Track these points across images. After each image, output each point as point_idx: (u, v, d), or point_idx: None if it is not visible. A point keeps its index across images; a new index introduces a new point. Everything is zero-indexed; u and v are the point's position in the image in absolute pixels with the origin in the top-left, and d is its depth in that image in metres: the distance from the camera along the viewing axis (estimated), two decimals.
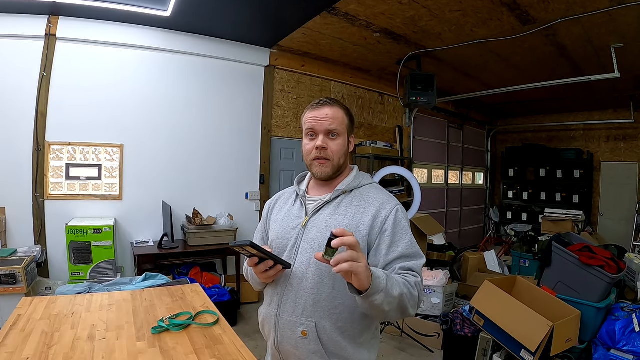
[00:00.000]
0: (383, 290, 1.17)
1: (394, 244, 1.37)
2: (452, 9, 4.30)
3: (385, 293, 1.18)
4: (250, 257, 1.33)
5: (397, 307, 1.24)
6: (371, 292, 1.15)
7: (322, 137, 1.45)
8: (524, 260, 6.17)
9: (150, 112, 5.02)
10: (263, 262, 1.33)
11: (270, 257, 1.32)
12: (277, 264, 1.35)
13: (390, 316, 1.29)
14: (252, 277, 1.55)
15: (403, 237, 1.39)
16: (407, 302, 1.26)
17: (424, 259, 1.41)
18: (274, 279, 1.43)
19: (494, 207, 10.90)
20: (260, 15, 4.66)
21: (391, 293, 1.20)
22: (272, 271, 1.35)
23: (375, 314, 1.30)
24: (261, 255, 1.31)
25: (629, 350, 3.15)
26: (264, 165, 5.91)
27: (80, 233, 4.11)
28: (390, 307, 1.22)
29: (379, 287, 1.16)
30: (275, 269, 1.36)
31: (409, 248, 1.37)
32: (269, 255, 1.32)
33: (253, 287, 1.60)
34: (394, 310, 1.24)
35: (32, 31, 4.30)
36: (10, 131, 4.27)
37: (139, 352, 1.44)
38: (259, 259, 1.33)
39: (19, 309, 1.81)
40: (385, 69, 6.78)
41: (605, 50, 5.14)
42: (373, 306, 1.18)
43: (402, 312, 1.27)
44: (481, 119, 10.76)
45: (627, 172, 8.84)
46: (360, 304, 1.22)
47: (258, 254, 1.30)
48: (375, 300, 1.16)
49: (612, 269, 3.51)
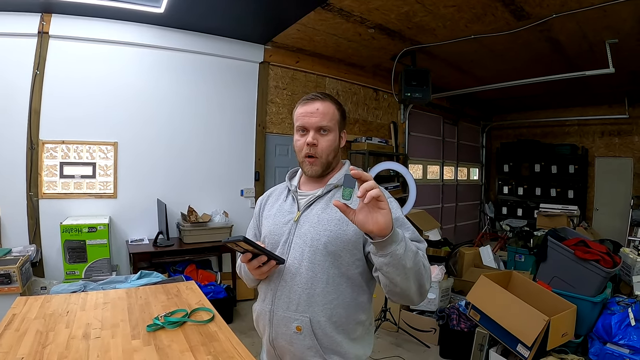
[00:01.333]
0: (403, 240, 1.13)
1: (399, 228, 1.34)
2: (446, 4, 4.30)
3: (405, 244, 1.14)
4: (244, 253, 1.32)
5: (415, 267, 1.18)
6: (393, 237, 1.10)
7: (312, 133, 1.44)
8: (520, 255, 6.19)
9: (145, 110, 5.00)
10: (256, 257, 1.32)
11: (263, 253, 1.32)
12: (270, 259, 1.35)
13: (408, 283, 1.19)
14: (245, 274, 1.54)
15: (404, 224, 1.36)
16: (423, 269, 1.21)
17: (426, 244, 1.38)
18: (268, 275, 1.43)
19: (489, 202, 10.93)
20: (254, 12, 4.64)
21: (410, 247, 1.16)
22: (265, 267, 1.35)
23: (393, 275, 1.17)
24: (254, 251, 1.30)
25: (624, 344, 3.17)
26: (259, 162, 5.90)
27: (75, 232, 4.09)
28: (411, 265, 1.15)
29: (399, 235, 1.12)
30: (268, 265, 1.36)
31: (412, 232, 1.35)
32: (263, 251, 1.31)
33: (246, 284, 1.59)
34: (412, 272, 1.17)
35: (24, 29, 4.26)
36: (4, 130, 4.24)
37: (134, 350, 1.44)
38: (252, 254, 1.32)
39: (13, 309, 1.80)
40: (379, 65, 6.77)
41: (600, 46, 5.14)
42: (394, 257, 1.12)
43: (418, 278, 1.21)
44: (476, 115, 10.78)
45: (622, 167, 8.89)
46: (379, 259, 1.14)
47: (251, 250, 1.29)
48: (396, 250, 1.11)
49: (608, 264, 3.53)
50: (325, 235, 1.37)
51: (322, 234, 1.37)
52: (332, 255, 1.36)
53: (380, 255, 1.13)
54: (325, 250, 1.36)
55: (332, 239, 1.36)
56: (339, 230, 1.36)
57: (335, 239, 1.36)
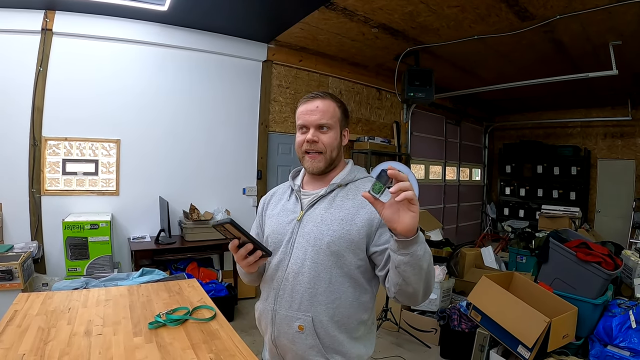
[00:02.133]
0: (423, 241, 1.16)
1: None
2: (450, 4, 4.29)
3: (425, 246, 1.17)
4: (232, 240, 1.30)
5: (429, 268, 1.21)
6: (417, 238, 1.13)
7: (312, 130, 1.44)
8: (521, 257, 6.18)
9: (147, 107, 5.00)
10: (243, 246, 1.30)
11: (250, 240, 1.29)
12: (256, 250, 1.31)
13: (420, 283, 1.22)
14: (238, 268, 1.53)
15: None
16: (432, 271, 1.25)
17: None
18: (255, 269, 1.39)
19: (491, 203, 10.91)
20: (258, 10, 4.64)
21: (427, 249, 1.19)
22: (251, 257, 1.31)
23: (409, 274, 1.19)
24: (242, 237, 1.28)
25: (625, 346, 3.16)
26: (261, 161, 5.90)
27: (77, 229, 4.10)
28: (426, 266, 1.19)
29: (422, 236, 1.15)
30: (255, 255, 1.31)
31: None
32: (249, 238, 1.28)
33: (243, 280, 1.59)
34: (425, 273, 1.20)
35: (28, 26, 4.27)
36: (7, 126, 4.25)
37: (136, 347, 1.44)
38: (239, 243, 1.30)
39: (15, 305, 1.80)
40: (383, 65, 6.77)
41: (604, 48, 5.13)
42: (414, 257, 1.14)
43: (429, 280, 1.24)
44: (479, 115, 10.76)
45: (624, 169, 8.86)
46: (399, 257, 1.16)
47: (238, 235, 1.27)
48: (417, 251, 1.14)
49: (609, 266, 3.52)
50: (329, 235, 1.36)
51: (325, 234, 1.37)
52: (335, 254, 1.36)
53: (401, 254, 1.15)
54: (328, 249, 1.36)
55: (335, 239, 1.35)
56: (342, 230, 1.36)
57: (338, 239, 1.35)
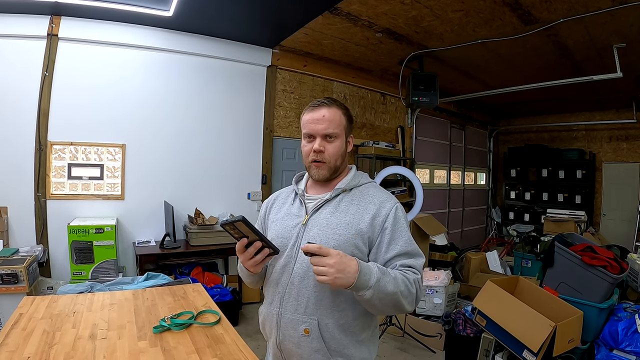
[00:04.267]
0: (371, 287, 1.24)
1: (393, 241, 1.39)
2: (454, 9, 4.29)
3: (375, 289, 1.24)
4: (240, 239, 1.31)
5: (391, 303, 1.29)
6: (356, 288, 1.23)
7: (319, 140, 1.45)
8: (526, 261, 6.15)
9: (153, 112, 5.03)
10: (252, 244, 1.31)
11: (259, 238, 1.30)
12: (264, 247, 1.33)
13: (383, 311, 1.34)
14: (240, 270, 1.55)
15: (401, 235, 1.40)
16: (403, 300, 1.30)
17: (424, 258, 1.43)
18: (261, 268, 1.40)
19: (496, 207, 10.89)
20: (262, 16, 4.66)
21: (384, 289, 1.25)
22: (259, 255, 1.32)
23: (367, 307, 1.34)
24: (252, 236, 1.29)
25: (631, 350, 3.14)
26: (266, 165, 5.90)
27: (82, 233, 4.11)
28: (382, 303, 1.28)
29: (366, 284, 1.24)
30: (262, 253, 1.33)
31: (407, 245, 1.39)
32: (259, 236, 1.29)
33: (245, 282, 1.59)
34: (387, 306, 1.30)
35: (34, 31, 4.30)
36: (13, 131, 4.27)
37: (141, 351, 1.44)
38: (248, 242, 1.31)
39: (20, 308, 1.81)
40: (387, 69, 6.77)
41: (608, 50, 5.12)
42: (363, 300, 1.27)
43: (396, 308, 1.33)
44: (483, 119, 10.74)
45: (630, 172, 8.82)
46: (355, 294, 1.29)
47: (248, 232, 1.27)
48: (363, 295, 1.24)
49: (615, 269, 3.50)
50: (334, 239, 1.38)
51: (331, 238, 1.38)
52: None
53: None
54: None
55: (340, 243, 1.37)
56: (347, 234, 1.38)
57: (343, 243, 1.37)
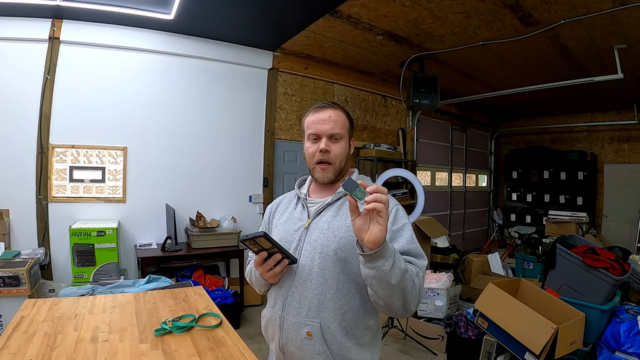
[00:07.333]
0: (392, 256, 1.16)
1: (395, 240, 1.36)
2: (454, 11, 4.30)
3: (394, 262, 1.16)
4: (259, 252, 1.33)
5: (400, 284, 1.19)
6: (382, 252, 1.13)
7: (325, 140, 1.45)
8: (528, 263, 6.15)
9: (154, 115, 5.03)
10: (271, 256, 1.33)
11: (279, 250, 1.33)
12: (284, 258, 1.36)
13: (391, 298, 1.22)
14: (256, 280, 1.53)
15: (403, 233, 1.38)
16: (409, 288, 1.22)
17: (427, 260, 1.40)
18: (280, 278, 1.43)
19: (498, 209, 10.86)
20: (263, 18, 4.67)
21: (398, 264, 1.17)
22: (278, 267, 1.36)
23: (377, 289, 1.21)
24: (271, 249, 1.31)
25: (633, 352, 3.14)
26: (267, 168, 5.91)
27: (83, 235, 4.11)
28: (396, 282, 1.17)
29: (389, 251, 1.15)
30: (282, 264, 1.36)
31: (409, 243, 1.36)
32: (278, 247, 1.32)
33: (257, 290, 1.59)
34: (397, 289, 1.20)
35: (36, 34, 4.32)
36: (14, 133, 4.28)
37: (142, 354, 1.44)
38: (267, 254, 1.33)
39: (22, 311, 1.81)
40: (388, 72, 6.78)
41: (609, 51, 5.11)
42: (379, 272, 1.15)
43: (403, 296, 1.22)
44: (484, 121, 10.74)
45: (631, 173, 8.80)
46: (365, 270, 1.18)
47: (268, 246, 1.29)
48: (382, 265, 1.14)
49: (617, 271, 3.50)
50: (335, 242, 1.38)
51: (332, 241, 1.39)
52: (342, 261, 1.38)
53: (367, 267, 1.17)
54: (335, 256, 1.38)
55: (341, 246, 1.37)
56: (348, 237, 1.37)
57: (344, 246, 1.37)
